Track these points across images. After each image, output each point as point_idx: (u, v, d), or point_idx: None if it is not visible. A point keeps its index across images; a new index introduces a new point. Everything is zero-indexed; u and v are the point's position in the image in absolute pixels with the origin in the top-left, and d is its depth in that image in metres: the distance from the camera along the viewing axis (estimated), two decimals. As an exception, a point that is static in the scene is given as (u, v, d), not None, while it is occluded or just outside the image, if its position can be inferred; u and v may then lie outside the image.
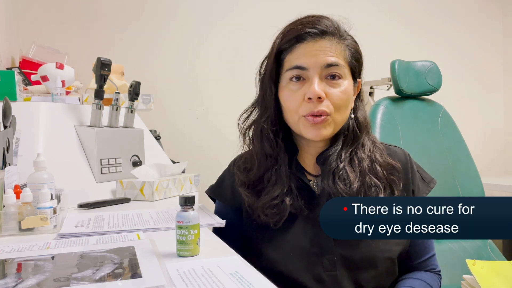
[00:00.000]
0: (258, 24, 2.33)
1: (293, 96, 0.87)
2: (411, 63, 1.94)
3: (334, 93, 0.85)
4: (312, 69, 0.85)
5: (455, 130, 1.95)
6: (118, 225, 0.89)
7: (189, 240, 0.68)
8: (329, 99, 0.85)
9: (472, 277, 1.06)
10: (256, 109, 0.95)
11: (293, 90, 0.87)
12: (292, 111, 0.88)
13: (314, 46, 0.85)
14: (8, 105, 0.98)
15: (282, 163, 0.90)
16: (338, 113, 0.87)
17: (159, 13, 2.48)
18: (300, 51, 0.86)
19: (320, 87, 0.84)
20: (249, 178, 0.92)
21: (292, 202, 0.86)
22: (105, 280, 0.56)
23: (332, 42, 0.86)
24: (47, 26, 2.30)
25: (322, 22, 0.87)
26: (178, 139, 2.45)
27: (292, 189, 0.88)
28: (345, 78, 0.87)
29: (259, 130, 0.93)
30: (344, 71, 0.87)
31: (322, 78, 0.85)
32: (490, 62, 3.00)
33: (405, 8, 2.83)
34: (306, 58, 0.85)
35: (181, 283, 0.54)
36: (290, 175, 0.89)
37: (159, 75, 2.46)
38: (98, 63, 1.31)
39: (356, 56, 0.90)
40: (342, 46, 0.87)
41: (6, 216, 0.85)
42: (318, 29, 0.86)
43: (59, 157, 1.21)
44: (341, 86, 0.86)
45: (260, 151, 0.92)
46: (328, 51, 0.85)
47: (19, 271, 0.63)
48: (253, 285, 0.54)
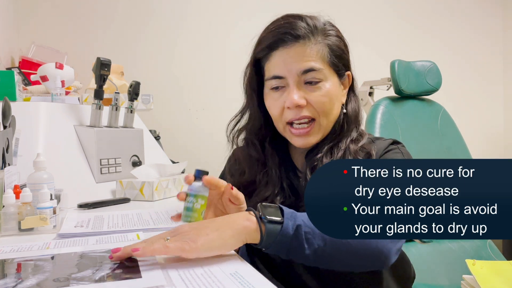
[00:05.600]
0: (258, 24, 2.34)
1: (275, 104, 0.87)
2: (411, 63, 1.94)
3: (315, 98, 0.84)
4: (289, 77, 0.84)
5: (454, 130, 1.96)
6: (118, 225, 0.89)
7: (195, 208, 0.70)
8: (311, 105, 0.85)
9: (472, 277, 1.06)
10: (244, 115, 0.96)
11: (275, 98, 0.87)
12: (276, 119, 0.89)
13: (289, 53, 0.84)
14: (8, 105, 0.98)
15: (271, 166, 0.91)
16: (324, 117, 0.86)
17: (159, 13, 2.48)
18: (275, 60, 0.85)
19: (300, 94, 0.84)
20: (241, 181, 0.93)
21: (284, 200, 0.88)
22: (105, 280, 0.56)
23: (307, 45, 0.84)
24: (47, 26, 2.30)
25: (296, 25, 0.84)
26: (178, 139, 2.45)
27: (284, 188, 0.89)
28: (326, 79, 0.85)
29: (245, 139, 0.95)
30: (323, 73, 0.84)
31: (301, 84, 0.84)
32: (490, 62, 3.00)
33: (404, 8, 2.83)
34: (282, 66, 0.84)
35: (181, 283, 0.54)
36: (281, 175, 0.90)
37: (159, 75, 2.46)
38: (98, 63, 1.30)
39: (337, 52, 0.87)
40: (320, 46, 0.85)
41: (6, 216, 0.84)
42: (291, 34, 0.83)
43: (58, 157, 1.21)
44: (322, 90, 0.84)
45: (248, 158, 0.94)
46: (303, 56, 0.83)
47: (18, 271, 0.63)
48: (253, 285, 0.54)
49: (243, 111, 0.96)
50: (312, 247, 0.68)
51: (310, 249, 0.68)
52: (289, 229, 0.67)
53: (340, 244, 0.69)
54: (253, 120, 0.93)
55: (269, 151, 0.92)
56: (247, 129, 0.95)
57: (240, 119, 0.96)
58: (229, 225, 0.66)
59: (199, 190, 0.71)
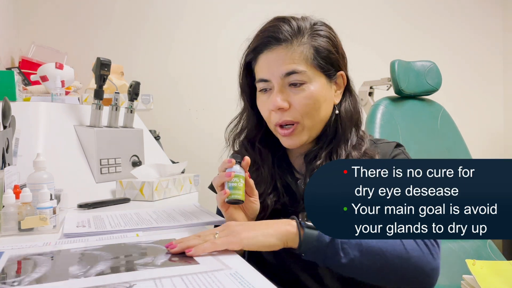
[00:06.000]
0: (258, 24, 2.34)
1: (264, 106, 0.89)
2: (411, 63, 1.94)
3: (298, 100, 0.84)
4: (273, 79, 0.85)
5: (454, 130, 1.96)
6: (120, 225, 0.89)
7: (239, 186, 0.80)
8: (294, 107, 0.85)
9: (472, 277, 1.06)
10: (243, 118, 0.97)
11: (263, 100, 0.89)
12: (267, 120, 0.90)
13: (272, 56, 0.85)
14: (8, 105, 0.98)
15: (263, 165, 0.92)
16: (307, 119, 0.86)
17: (159, 13, 2.48)
18: (261, 62, 0.87)
19: (282, 97, 0.84)
20: None
21: (277, 199, 0.89)
22: (168, 265, 0.62)
23: (290, 48, 0.84)
24: (46, 26, 2.30)
25: (279, 28, 0.85)
26: (177, 139, 2.45)
27: (277, 187, 0.90)
28: (311, 81, 0.85)
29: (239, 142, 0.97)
30: (307, 75, 0.84)
31: (285, 87, 0.85)
32: (490, 62, 3.00)
33: (404, 8, 2.84)
34: (266, 70, 0.86)
35: (181, 283, 0.54)
36: (275, 175, 0.91)
37: (159, 75, 2.46)
38: (98, 63, 1.30)
39: (323, 52, 0.86)
40: (304, 47, 0.84)
41: (6, 216, 0.85)
42: (274, 37, 0.84)
43: (58, 157, 1.21)
44: (305, 91, 0.84)
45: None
46: (284, 59, 0.84)
47: (83, 260, 0.66)
48: (253, 285, 0.54)
49: (242, 114, 0.97)
50: (348, 257, 0.72)
51: (346, 258, 0.72)
52: (325, 236, 0.72)
53: (376, 255, 0.72)
54: (247, 120, 0.95)
55: (261, 150, 0.93)
56: (239, 133, 0.96)
57: (240, 120, 0.97)
58: (272, 227, 0.73)
59: (240, 171, 0.81)
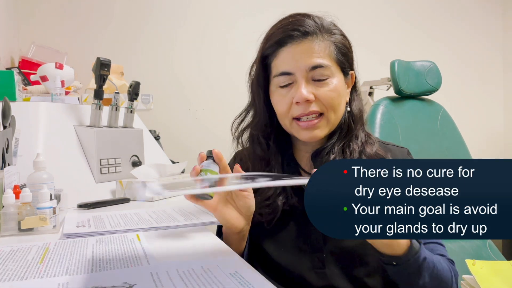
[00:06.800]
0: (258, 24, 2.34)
1: (283, 100, 0.87)
2: (411, 63, 1.94)
3: (324, 93, 0.85)
4: (297, 73, 0.84)
5: (454, 130, 1.96)
6: (120, 225, 0.89)
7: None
8: (320, 100, 0.85)
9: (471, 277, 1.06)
10: (249, 113, 0.96)
11: (283, 94, 0.87)
12: (283, 115, 0.89)
13: (297, 49, 0.84)
14: (8, 105, 0.98)
15: (274, 165, 0.91)
16: (332, 112, 0.86)
17: (159, 13, 2.48)
18: (284, 55, 0.86)
19: (308, 89, 0.84)
20: None
21: (286, 200, 0.88)
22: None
23: (315, 42, 0.85)
24: (47, 26, 2.30)
25: (304, 22, 0.85)
26: (177, 139, 2.45)
27: (286, 188, 0.89)
28: (333, 76, 0.86)
29: (250, 135, 0.95)
30: (331, 70, 0.85)
31: (309, 80, 0.85)
32: (490, 62, 3.00)
33: (404, 8, 2.84)
34: (291, 62, 0.85)
35: (181, 283, 0.54)
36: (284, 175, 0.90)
37: (159, 75, 2.46)
38: (98, 63, 1.30)
39: (343, 50, 0.88)
40: (327, 43, 0.86)
41: (6, 216, 0.84)
42: (300, 30, 0.84)
43: (58, 157, 1.21)
44: (330, 85, 0.85)
45: (252, 155, 0.94)
46: (311, 52, 0.84)
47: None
48: (253, 285, 0.54)
49: (248, 109, 0.96)
50: (423, 280, 0.77)
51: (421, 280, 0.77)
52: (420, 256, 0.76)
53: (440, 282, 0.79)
54: (259, 117, 0.93)
55: (273, 150, 0.92)
56: (252, 126, 0.95)
57: (245, 118, 0.97)
58: None
59: (209, 165, 0.78)
